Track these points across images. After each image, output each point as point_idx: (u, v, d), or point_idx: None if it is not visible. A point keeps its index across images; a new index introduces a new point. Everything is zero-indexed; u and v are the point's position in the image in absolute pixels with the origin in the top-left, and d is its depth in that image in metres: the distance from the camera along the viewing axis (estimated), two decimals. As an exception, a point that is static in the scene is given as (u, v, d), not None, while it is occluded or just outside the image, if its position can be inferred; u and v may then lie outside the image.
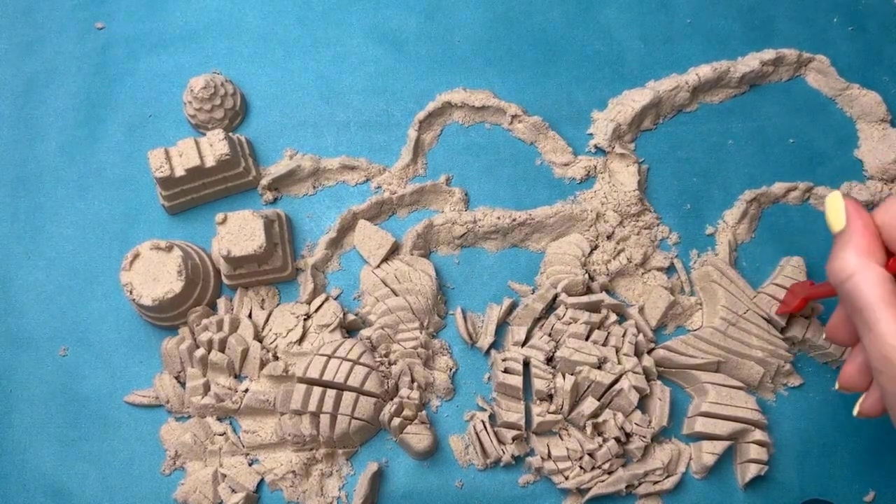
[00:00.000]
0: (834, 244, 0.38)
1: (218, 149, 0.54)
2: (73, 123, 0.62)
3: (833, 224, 0.39)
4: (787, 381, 0.53)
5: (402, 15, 0.64)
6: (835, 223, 0.39)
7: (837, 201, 0.38)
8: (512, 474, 0.52)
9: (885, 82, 0.60)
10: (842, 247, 0.37)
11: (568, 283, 0.53)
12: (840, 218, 0.38)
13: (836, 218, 0.39)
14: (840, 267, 0.37)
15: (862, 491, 0.51)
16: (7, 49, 0.64)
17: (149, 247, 0.52)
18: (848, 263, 0.36)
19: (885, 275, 0.36)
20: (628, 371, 0.50)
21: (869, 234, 0.37)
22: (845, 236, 0.38)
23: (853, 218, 0.38)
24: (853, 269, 0.36)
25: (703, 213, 0.58)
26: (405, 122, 0.60)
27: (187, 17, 0.64)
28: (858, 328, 0.36)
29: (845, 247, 0.37)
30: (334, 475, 0.52)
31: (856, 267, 0.36)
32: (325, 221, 0.58)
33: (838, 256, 0.37)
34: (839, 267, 0.37)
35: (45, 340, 0.56)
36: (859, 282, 0.36)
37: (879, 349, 0.35)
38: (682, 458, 0.51)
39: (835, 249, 0.38)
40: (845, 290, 0.37)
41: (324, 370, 0.50)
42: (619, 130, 0.58)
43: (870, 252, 0.37)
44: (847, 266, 0.36)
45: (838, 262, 0.37)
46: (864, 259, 0.36)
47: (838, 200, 0.38)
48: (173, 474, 0.52)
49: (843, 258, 0.37)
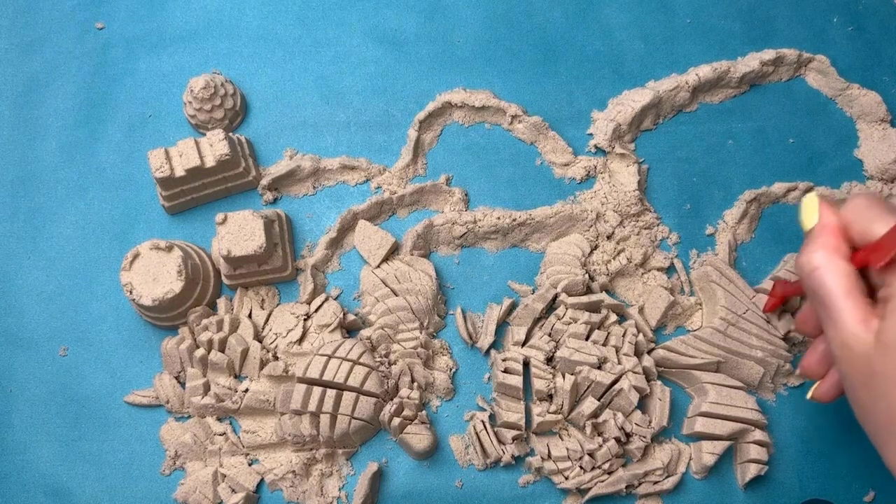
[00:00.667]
0: (805, 241, 0.41)
1: (218, 149, 0.54)
2: (73, 123, 0.62)
3: (805, 222, 0.42)
4: (786, 381, 0.53)
5: (402, 15, 0.64)
6: (807, 221, 0.41)
7: (813, 202, 0.41)
8: (512, 474, 0.52)
9: (885, 82, 0.60)
10: (811, 242, 0.40)
11: (568, 283, 0.53)
12: (813, 217, 0.41)
13: (810, 217, 0.41)
14: (806, 261, 0.39)
15: (862, 491, 0.51)
16: (7, 49, 0.64)
17: (149, 247, 0.52)
18: (813, 258, 0.39)
19: (847, 269, 0.38)
20: (628, 371, 0.50)
21: (836, 231, 0.40)
22: (814, 233, 0.40)
23: (823, 216, 0.41)
24: (818, 263, 0.39)
25: (703, 213, 0.58)
26: (405, 123, 0.60)
27: (187, 17, 0.64)
28: (821, 319, 0.39)
29: (814, 242, 0.40)
30: (334, 475, 0.52)
31: (820, 261, 0.39)
32: (325, 221, 0.58)
33: (807, 250, 0.40)
34: (805, 261, 0.40)
35: (45, 340, 0.56)
36: (823, 275, 0.38)
37: (839, 337, 0.37)
38: (682, 458, 0.51)
39: (804, 245, 0.41)
40: (810, 283, 0.39)
41: (324, 370, 0.50)
42: (619, 130, 0.58)
43: (835, 248, 0.39)
44: (812, 260, 0.39)
45: (804, 257, 0.40)
46: (829, 254, 0.39)
47: (814, 201, 0.41)
48: (173, 474, 0.53)
49: (810, 253, 0.39)
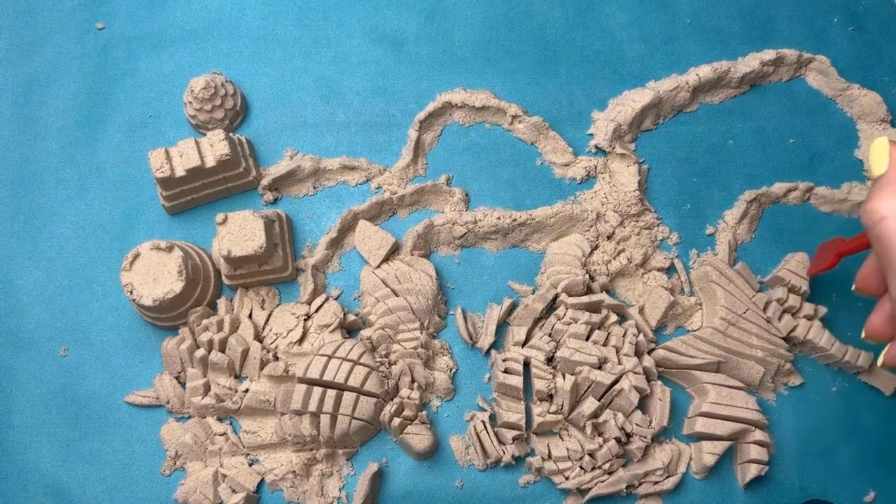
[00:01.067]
0: (871, 189, 0.38)
1: (218, 149, 0.54)
2: (73, 123, 0.62)
3: (875, 167, 0.39)
4: (787, 381, 0.53)
5: (402, 15, 0.64)
6: (876, 166, 0.39)
7: (884, 146, 0.38)
8: (512, 474, 0.52)
9: (885, 82, 0.60)
10: (879, 190, 0.37)
11: (568, 283, 0.53)
12: (882, 162, 0.38)
13: (880, 161, 0.38)
14: (873, 208, 0.37)
15: (862, 491, 0.51)
16: (7, 49, 0.64)
17: (149, 247, 0.52)
18: (882, 206, 0.36)
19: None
20: (628, 371, 0.50)
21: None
22: (884, 180, 0.38)
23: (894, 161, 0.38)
24: (887, 211, 0.36)
25: (703, 213, 0.58)
26: (405, 123, 0.60)
27: (187, 17, 0.64)
28: (887, 273, 0.36)
29: (882, 189, 0.37)
30: (334, 475, 0.52)
31: (890, 210, 0.36)
32: (325, 221, 0.58)
33: (874, 197, 0.37)
34: (872, 208, 0.37)
35: (45, 340, 0.56)
36: (891, 223, 0.36)
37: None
38: (682, 459, 0.51)
39: (871, 192, 0.38)
40: (876, 233, 0.37)
41: (324, 370, 0.50)
42: (619, 130, 0.58)
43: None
44: (881, 208, 0.36)
45: (872, 204, 0.37)
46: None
47: (885, 145, 0.38)
48: (173, 474, 0.53)
49: (879, 199, 0.37)
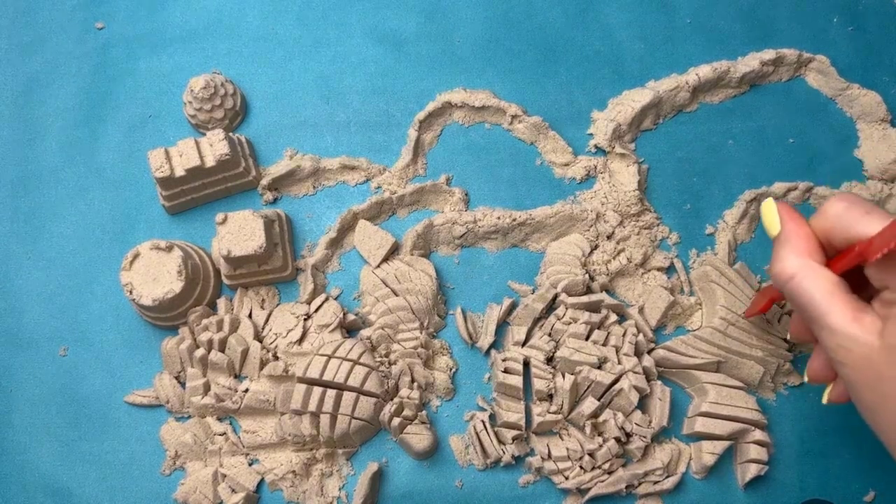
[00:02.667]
0: (773, 249, 0.39)
1: (218, 149, 0.54)
2: (73, 123, 0.62)
3: (769, 228, 0.40)
4: (787, 381, 0.53)
5: (402, 15, 0.64)
6: (771, 227, 0.40)
7: (771, 207, 0.40)
8: (512, 474, 0.52)
9: (885, 82, 0.60)
10: (780, 249, 0.38)
11: (568, 283, 0.53)
12: (775, 222, 0.40)
13: (772, 222, 0.40)
14: (780, 269, 0.38)
15: (862, 491, 0.51)
16: (7, 49, 0.64)
17: (149, 247, 0.52)
18: (787, 265, 0.37)
19: (824, 270, 0.37)
20: (628, 371, 0.50)
21: (804, 234, 0.38)
22: (782, 239, 0.39)
23: (786, 220, 0.39)
24: (793, 269, 0.37)
25: (703, 213, 0.58)
26: (405, 122, 0.60)
27: (187, 17, 0.64)
28: (811, 325, 0.37)
29: (783, 249, 0.38)
30: (334, 475, 0.52)
31: (796, 267, 0.37)
32: (325, 221, 0.58)
33: (777, 259, 0.38)
34: (779, 269, 0.38)
35: (45, 340, 0.56)
36: (801, 280, 0.37)
37: (834, 340, 0.36)
38: (682, 458, 0.51)
39: (774, 253, 0.39)
40: (789, 291, 0.38)
41: (324, 370, 0.50)
42: (619, 130, 0.58)
43: (808, 252, 0.38)
44: (787, 267, 0.37)
45: (778, 265, 0.38)
46: (803, 259, 0.37)
47: (772, 206, 0.40)
48: (173, 474, 0.53)
49: (782, 259, 0.38)
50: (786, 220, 0.39)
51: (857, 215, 0.36)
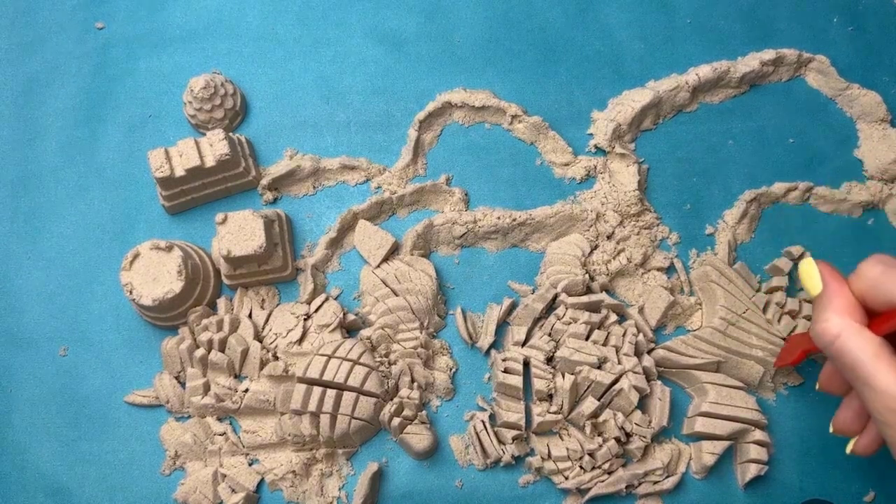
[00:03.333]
0: (814, 308, 0.40)
1: (218, 149, 0.54)
2: (73, 123, 0.62)
3: (810, 289, 0.40)
4: (786, 381, 0.53)
5: (402, 15, 0.64)
6: (812, 288, 0.40)
7: (811, 267, 0.40)
8: (512, 474, 0.52)
9: (885, 82, 0.60)
10: (823, 309, 0.39)
11: (568, 283, 0.53)
12: (816, 282, 0.40)
13: (813, 282, 0.40)
14: (824, 329, 0.38)
15: (862, 491, 0.51)
16: (7, 49, 0.64)
17: (149, 247, 0.52)
18: (832, 325, 0.38)
19: (868, 332, 0.37)
20: (628, 371, 0.50)
21: (846, 294, 0.38)
22: (824, 299, 0.39)
23: (829, 280, 0.39)
24: (838, 330, 0.37)
25: (703, 213, 0.58)
26: (405, 122, 0.60)
27: (187, 17, 0.64)
28: (854, 384, 0.37)
29: (826, 309, 0.38)
30: (334, 475, 0.52)
31: (840, 327, 0.37)
32: (325, 221, 0.58)
33: (820, 319, 0.38)
34: (823, 329, 0.38)
35: (45, 340, 0.56)
36: (846, 341, 0.37)
37: (883, 402, 0.36)
38: (682, 458, 0.51)
39: (816, 312, 0.39)
40: (834, 352, 0.38)
41: (324, 370, 0.50)
42: (619, 130, 0.58)
43: (850, 311, 0.38)
44: (831, 328, 0.38)
45: (821, 325, 0.38)
46: (846, 319, 0.37)
47: (812, 266, 0.40)
48: (173, 474, 0.53)
49: (826, 320, 0.38)
50: (828, 281, 0.39)
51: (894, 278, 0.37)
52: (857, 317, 0.38)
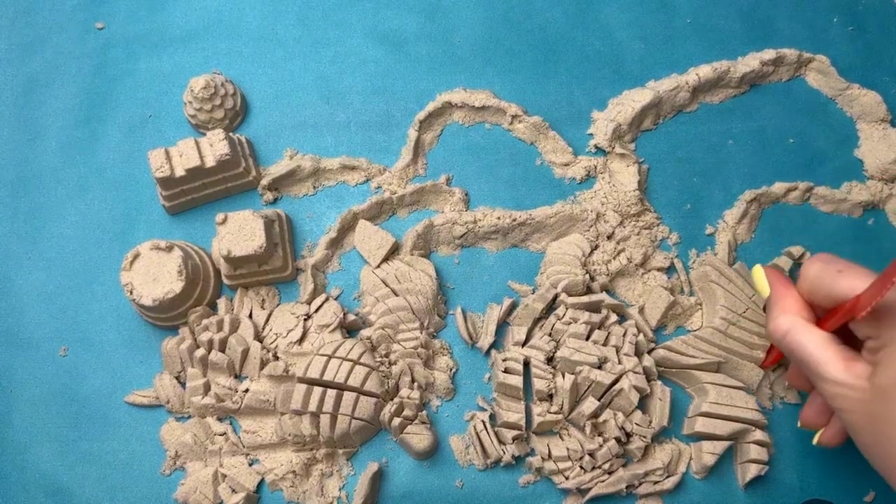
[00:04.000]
0: (767, 311, 0.43)
1: (218, 149, 0.54)
2: (73, 123, 0.62)
3: (761, 292, 0.44)
4: (784, 396, 0.53)
5: (402, 15, 0.64)
6: (762, 291, 0.44)
7: (759, 272, 0.44)
8: (512, 474, 0.52)
9: (885, 82, 0.60)
10: (771, 310, 0.42)
11: (568, 283, 0.53)
12: (765, 286, 0.43)
13: (762, 286, 0.44)
14: (774, 327, 0.41)
15: (862, 491, 0.51)
16: (7, 49, 0.64)
17: (149, 247, 0.52)
18: (780, 323, 0.41)
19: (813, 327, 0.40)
20: (628, 371, 0.50)
21: (791, 295, 0.42)
22: (772, 301, 0.42)
23: (774, 284, 0.43)
24: (786, 327, 0.41)
25: (703, 213, 0.58)
26: (405, 122, 0.60)
27: (187, 17, 0.64)
28: (809, 377, 0.40)
29: (774, 309, 0.42)
30: (334, 475, 0.52)
31: (788, 324, 0.40)
32: (325, 221, 0.58)
33: (770, 318, 0.42)
34: (773, 327, 0.41)
35: (45, 340, 0.56)
36: (794, 336, 0.40)
37: (832, 389, 0.38)
38: (682, 458, 0.51)
39: (767, 313, 0.43)
40: (785, 347, 0.41)
41: (324, 370, 0.50)
42: (619, 130, 0.58)
43: (797, 310, 0.41)
44: (780, 325, 0.41)
45: (772, 324, 0.41)
46: (793, 316, 0.41)
47: (759, 271, 0.44)
48: (173, 474, 0.53)
49: (775, 319, 0.41)
50: (774, 284, 0.43)
51: (831, 275, 0.39)
52: (804, 315, 0.41)
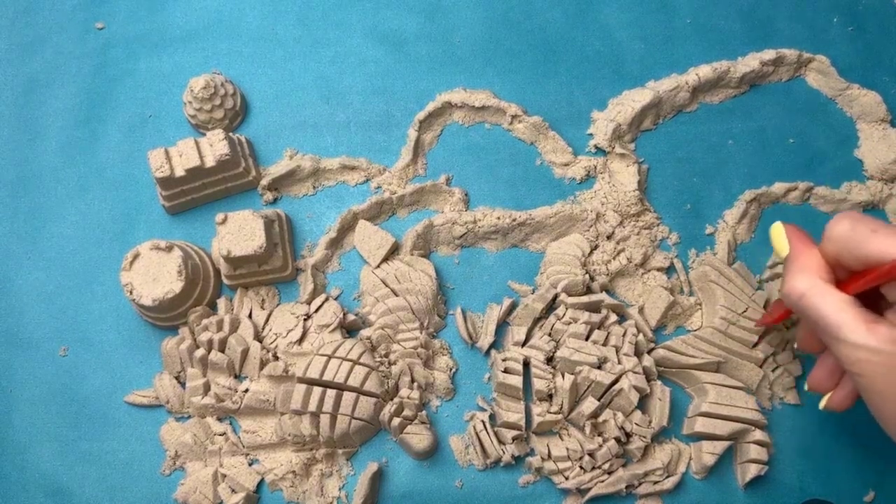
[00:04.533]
0: (784, 269, 0.41)
1: (218, 149, 0.54)
2: (73, 123, 0.62)
3: (779, 250, 0.41)
4: (784, 397, 0.53)
5: (402, 15, 0.64)
6: (780, 249, 0.41)
7: (779, 229, 0.41)
8: (512, 474, 0.52)
9: (885, 82, 0.60)
10: (789, 269, 0.40)
11: (568, 283, 0.53)
12: (784, 244, 0.41)
13: (781, 244, 0.41)
14: (790, 287, 0.39)
15: (862, 491, 0.51)
16: (7, 49, 0.64)
17: (149, 247, 0.52)
18: (798, 283, 0.39)
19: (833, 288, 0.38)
20: (628, 371, 0.50)
21: (812, 254, 0.39)
22: (791, 260, 0.40)
23: (794, 241, 0.41)
24: (804, 287, 0.38)
25: (703, 213, 0.58)
26: (405, 122, 0.60)
27: (187, 17, 0.64)
28: (825, 340, 0.38)
29: (792, 269, 0.40)
30: (334, 475, 0.52)
31: (806, 285, 0.38)
32: (325, 221, 0.58)
33: (788, 278, 0.40)
34: (790, 287, 0.39)
35: (45, 340, 0.56)
36: (812, 297, 0.38)
37: (852, 353, 0.36)
38: (682, 458, 0.51)
39: (784, 273, 0.40)
40: (801, 309, 0.39)
41: (324, 370, 0.50)
42: (619, 130, 0.58)
43: (817, 270, 0.39)
44: (797, 286, 0.39)
45: (789, 284, 0.39)
46: (812, 277, 0.38)
47: (780, 229, 0.41)
48: (173, 474, 0.53)
49: (792, 279, 0.39)
50: (794, 242, 0.40)
51: (864, 234, 0.37)
52: (823, 276, 0.39)
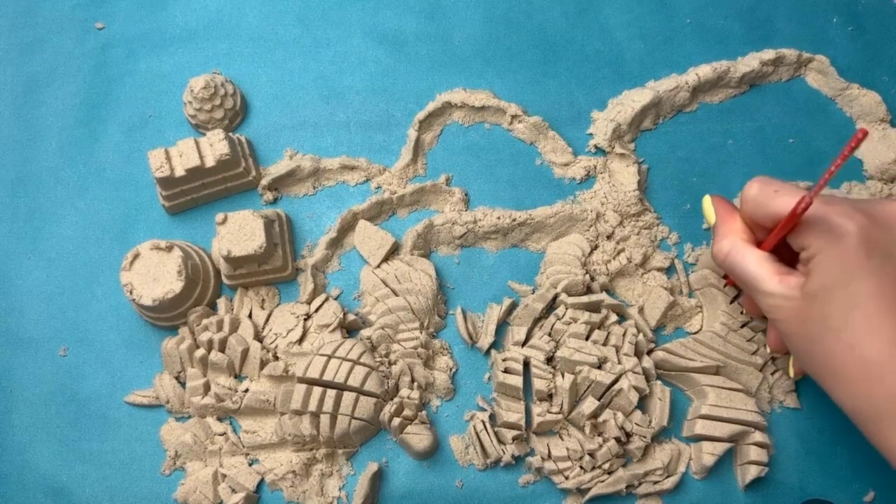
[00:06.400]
0: (712, 235, 0.45)
1: (218, 149, 0.54)
2: (73, 123, 0.62)
3: (709, 219, 0.46)
4: (784, 400, 0.52)
5: (402, 15, 0.64)
6: (709, 218, 0.46)
7: (707, 201, 0.46)
8: (512, 474, 0.52)
9: (885, 82, 0.60)
10: (716, 234, 0.46)
11: (568, 283, 0.53)
12: (711, 214, 0.46)
13: (709, 214, 0.46)
14: (717, 249, 0.45)
15: (862, 491, 0.51)
16: (7, 49, 0.64)
17: (149, 247, 0.52)
18: (722, 245, 0.44)
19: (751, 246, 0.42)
20: (628, 371, 0.50)
21: (733, 219, 0.44)
22: (717, 226, 0.45)
23: (719, 210, 0.45)
24: (727, 248, 0.43)
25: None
26: (405, 122, 0.60)
27: (187, 17, 0.64)
28: (750, 293, 0.43)
29: (718, 233, 0.45)
30: (334, 475, 0.52)
31: (728, 246, 0.43)
32: (325, 221, 0.58)
33: (714, 242, 0.45)
34: (716, 249, 0.45)
35: (45, 340, 0.56)
36: (734, 255, 0.43)
37: (768, 301, 0.41)
38: (682, 459, 0.51)
39: (713, 238, 0.45)
40: (727, 266, 0.44)
41: (324, 370, 0.50)
42: (619, 130, 0.58)
43: (737, 232, 0.43)
44: (722, 247, 0.44)
45: (716, 247, 0.44)
46: (733, 238, 0.43)
47: (707, 201, 0.47)
48: (173, 474, 0.53)
49: (718, 242, 0.44)
50: (719, 210, 0.45)
51: (769, 195, 0.41)
52: (743, 236, 0.43)
